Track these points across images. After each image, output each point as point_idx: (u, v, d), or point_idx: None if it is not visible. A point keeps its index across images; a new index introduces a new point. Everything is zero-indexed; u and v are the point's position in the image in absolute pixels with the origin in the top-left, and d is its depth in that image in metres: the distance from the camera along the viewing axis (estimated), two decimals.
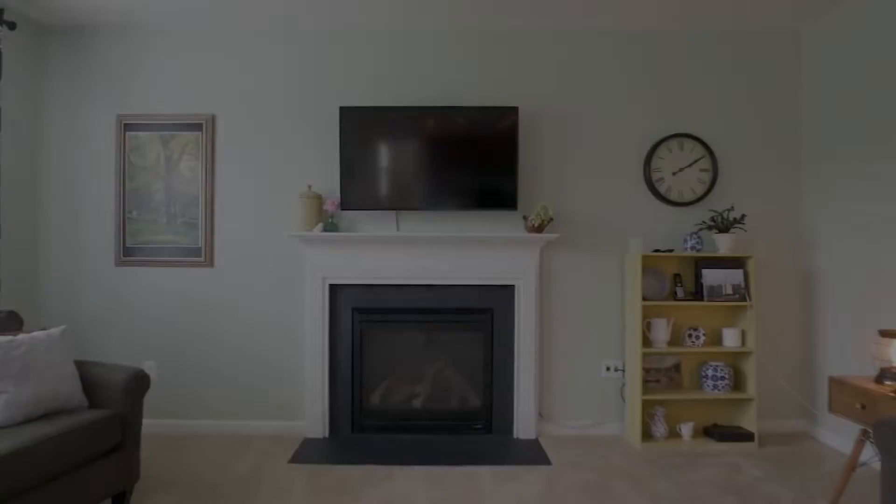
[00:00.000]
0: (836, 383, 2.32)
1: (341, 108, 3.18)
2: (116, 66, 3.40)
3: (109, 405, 2.35)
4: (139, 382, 2.40)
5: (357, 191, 3.19)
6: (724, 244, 3.14)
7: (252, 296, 3.37)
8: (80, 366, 2.45)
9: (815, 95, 3.30)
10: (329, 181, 3.30)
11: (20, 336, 2.28)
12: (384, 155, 3.21)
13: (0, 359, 2.13)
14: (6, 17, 3.02)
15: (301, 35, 3.37)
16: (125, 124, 3.38)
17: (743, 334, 3.15)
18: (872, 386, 2.17)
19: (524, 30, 3.36)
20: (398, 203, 3.22)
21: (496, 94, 3.35)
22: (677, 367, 3.29)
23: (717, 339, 3.27)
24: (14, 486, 1.83)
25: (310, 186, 3.25)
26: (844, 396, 2.26)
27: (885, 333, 2.23)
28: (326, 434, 3.27)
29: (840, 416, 2.29)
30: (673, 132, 3.35)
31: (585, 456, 2.97)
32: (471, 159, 3.19)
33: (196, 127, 3.37)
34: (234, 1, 3.06)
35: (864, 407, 2.14)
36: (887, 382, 2.15)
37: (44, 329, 2.46)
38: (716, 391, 3.14)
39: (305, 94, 3.37)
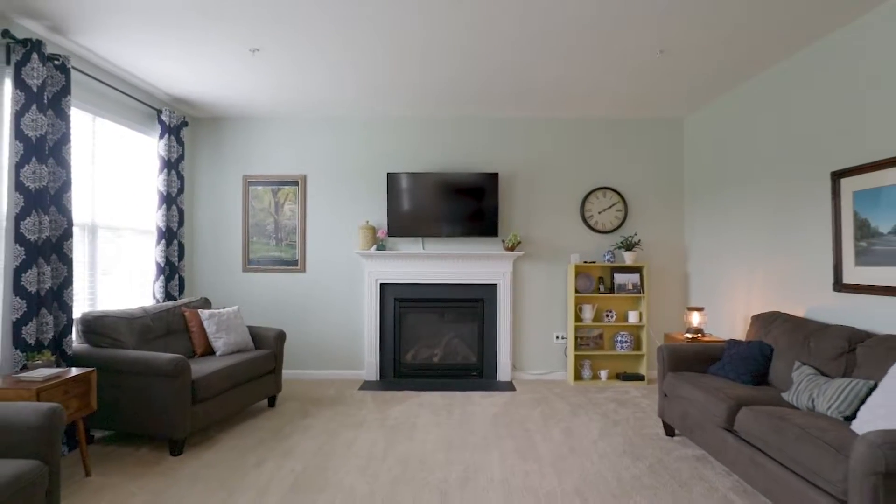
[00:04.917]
0: (665, 335, 4.16)
1: (388, 173, 5.09)
2: (241, 142, 5.34)
3: (266, 348, 4.27)
4: (282, 336, 4.33)
5: (398, 224, 5.09)
6: (628, 258, 4.97)
7: (330, 290, 5.27)
8: (248, 327, 4.38)
9: (691, 162, 5.13)
10: (380, 217, 5.21)
11: (219, 310, 4.21)
12: (414, 202, 5.10)
13: (217, 321, 4.08)
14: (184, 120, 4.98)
15: (362, 122, 5.28)
16: (248, 181, 5.33)
17: (640, 315, 4.97)
18: (680, 336, 4.02)
19: (502, 118, 5.25)
20: (423, 232, 5.10)
21: (485, 161, 5.23)
22: (600, 336, 5.13)
23: (624, 318, 5.10)
24: (233, 382, 3.74)
25: (367, 221, 5.15)
26: (667, 342, 4.10)
27: (689, 308, 4.07)
28: (378, 378, 5.17)
29: None
30: (599, 185, 5.21)
31: (538, 388, 4.83)
32: (469, 204, 5.07)
33: (294, 183, 5.31)
34: (316, 101, 4.98)
35: None
36: (686, 334, 3.98)
37: (224, 307, 4.39)
38: (623, 350, 4.98)
39: (363, 161, 5.27)
